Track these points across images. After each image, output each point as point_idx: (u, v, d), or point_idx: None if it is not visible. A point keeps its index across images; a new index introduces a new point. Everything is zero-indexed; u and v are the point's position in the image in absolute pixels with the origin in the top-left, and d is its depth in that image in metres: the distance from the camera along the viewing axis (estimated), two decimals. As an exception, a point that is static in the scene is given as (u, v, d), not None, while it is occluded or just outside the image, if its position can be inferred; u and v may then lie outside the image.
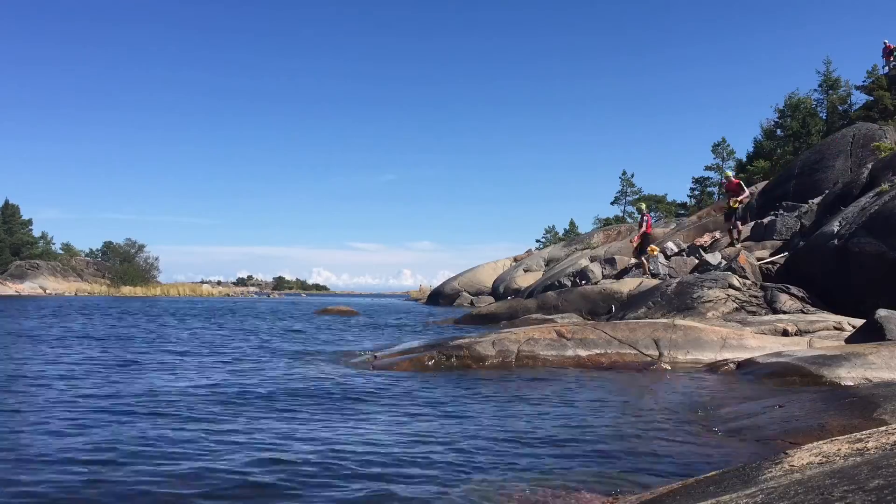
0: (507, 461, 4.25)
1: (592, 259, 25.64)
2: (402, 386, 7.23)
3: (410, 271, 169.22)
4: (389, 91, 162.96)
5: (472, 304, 33.70)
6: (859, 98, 34.55)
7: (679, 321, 10.35)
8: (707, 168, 52.81)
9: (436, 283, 48.70)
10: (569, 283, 21.91)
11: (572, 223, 65.20)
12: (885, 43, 30.85)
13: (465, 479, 3.87)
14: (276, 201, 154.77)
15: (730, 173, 20.66)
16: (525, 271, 34.23)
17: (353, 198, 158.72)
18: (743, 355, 8.35)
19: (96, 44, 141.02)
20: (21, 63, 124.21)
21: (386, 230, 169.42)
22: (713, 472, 3.35)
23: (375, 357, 9.56)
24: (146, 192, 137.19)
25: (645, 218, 19.00)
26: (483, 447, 4.58)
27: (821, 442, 3.23)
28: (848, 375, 6.57)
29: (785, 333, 10.24)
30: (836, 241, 12.91)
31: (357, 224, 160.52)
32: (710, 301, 12.84)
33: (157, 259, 70.87)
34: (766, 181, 28.15)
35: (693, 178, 53.62)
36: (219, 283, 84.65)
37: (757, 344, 9.04)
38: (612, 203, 60.65)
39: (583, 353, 8.80)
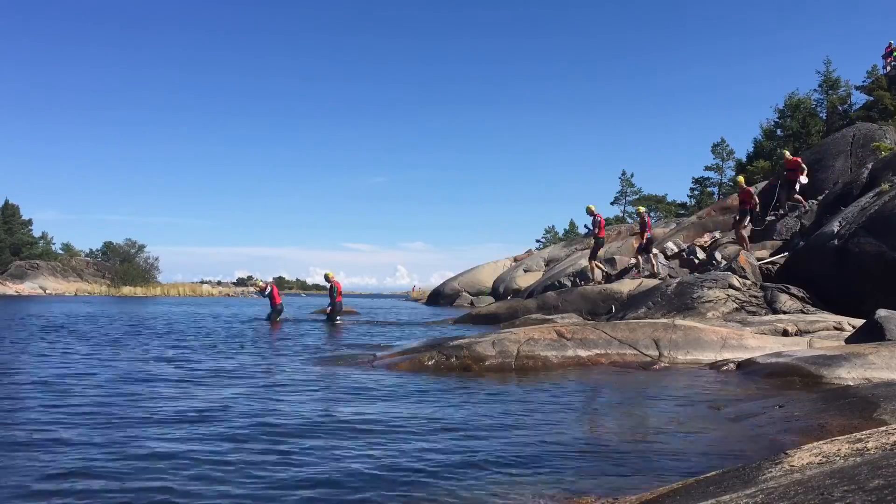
0: (506, 461, 4.24)
1: (592, 259, 25.59)
2: (400, 385, 7.22)
3: (406, 270, 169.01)
4: (381, 92, 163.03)
5: (472, 304, 33.68)
6: (859, 98, 34.63)
7: (679, 321, 10.35)
8: (707, 168, 52.89)
9: (431, 283, 48.71)
10: (569, 284, 21.90)
11: (572, 223, 65.28)
12: (890, 43, 30.89)
13: (464, 480, 3.86)
14: (269, 202, 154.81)
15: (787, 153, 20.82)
16: (525, 271, 34.22)
17: (344, 199, 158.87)
18: (743, 355, 8.34)
19: (96, 44, 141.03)
20: (21, 63, 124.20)
21: (379, 231, 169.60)
22: (713, 472, 3.35)
23: (375, 357, 9.55)
24: (140, 194, 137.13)
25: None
26: (481, 447, 4.58)
27: (821, 442, 3.23)
28: (848, 375, 6.56)
29: (785, 333, 10.24)
30: (836, 241, 12.91)
31: (349, 224, 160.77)
32: (710, 301, 12.84)
33: (157, 259, 70.90)
34: (766, 181, 28.14)
35: (693, 178, 53.76)
36: (218, 283, 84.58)
37: (757, 344, 9.04)
38: (612, 203, 60.75)
39: (583, 353, 8.80)
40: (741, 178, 21.17)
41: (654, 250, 21.16)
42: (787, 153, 21.00)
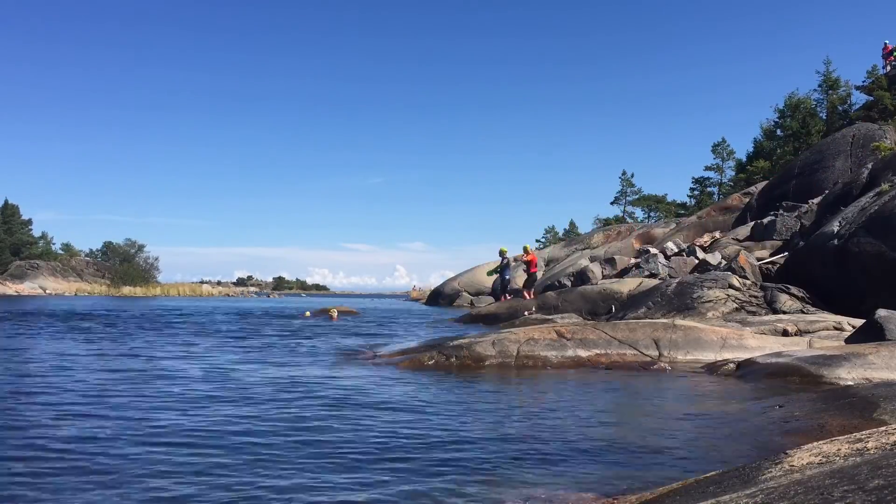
0: (505, 460, 4.24)
1: (592, 259, 25.66)
2: (400, 384, 7.22)
3: (406, 270, 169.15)
4: (379, 92, 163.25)
5: (472, 304, 33.64)
6: (859, 98, 34.66)
7: (679, 321, 10.35)
8: (707, 168, 52.89)
9: (431, 283, 48.74)
10: (569, 283, 21.93)
11: (572, 223, 65.33)
12: (885, 44, 30.97)
13: (463, 478, 3.86)
14: (269, 202, 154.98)
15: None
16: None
17: (343, 199, 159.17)
18: (743, 355, 8.34)
19: (96, 44, 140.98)
20: (21, 63, 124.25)
21: (377, 231, 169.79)
22: (713, 472, 3.35)
23: (375, 356, 9.56)
24: (140, 194, 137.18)
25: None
26: (480, 446, 4.58)
27: (821, 442, 3.23)
28: (848, 375, 6.56)
29: (785, 333, 10.24)
30: (836, 241, 12.91)
31: (349, 225, 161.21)
32: (710, 301, 12.84)
33: (156, 259, 70.86)
34: (766, 181, 28.18)
35: (693, 178, 53.73)
36: (218, 283, 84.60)
37: (757, 344, 9.04)
38: (612, 203, 60.72)
39: (583, 353, 8.80)
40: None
41: (654, 250, 21.16)
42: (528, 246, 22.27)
